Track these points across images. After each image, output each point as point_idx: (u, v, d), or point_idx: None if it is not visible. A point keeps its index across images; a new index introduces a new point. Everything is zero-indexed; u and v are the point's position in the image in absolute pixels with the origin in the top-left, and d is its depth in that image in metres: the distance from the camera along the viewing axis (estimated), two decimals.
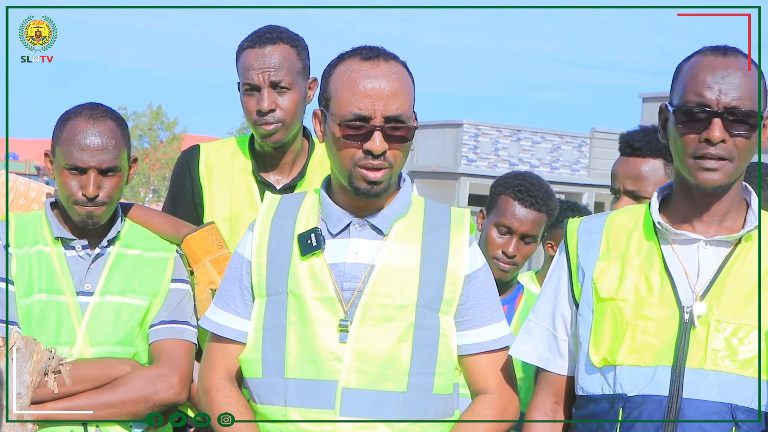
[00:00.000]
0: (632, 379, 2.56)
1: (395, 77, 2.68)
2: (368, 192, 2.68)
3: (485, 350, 2.78)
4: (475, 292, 2.77)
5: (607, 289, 2.63)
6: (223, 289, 2.83)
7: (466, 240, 2.78)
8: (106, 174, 3.17)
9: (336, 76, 2.71)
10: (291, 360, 2.68)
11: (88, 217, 3.18)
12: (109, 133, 3.18)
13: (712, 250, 2.61)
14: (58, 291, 3.19)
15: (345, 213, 2.74)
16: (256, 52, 3.54)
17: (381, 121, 2.65)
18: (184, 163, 3.69)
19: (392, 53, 2.74)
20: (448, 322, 2.73)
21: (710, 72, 2.55)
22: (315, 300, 2.69)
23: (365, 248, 2.73)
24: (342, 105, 2.67)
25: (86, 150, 3.14)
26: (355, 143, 2.66)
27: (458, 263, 2.75)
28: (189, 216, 3.59)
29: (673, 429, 2.52)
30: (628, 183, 3.41)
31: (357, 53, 2.72)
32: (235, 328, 2.78)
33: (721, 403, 2.51)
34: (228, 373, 2.79)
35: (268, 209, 2.82)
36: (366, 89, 2.65)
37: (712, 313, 2.54)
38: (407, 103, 2.69)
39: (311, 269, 2.71)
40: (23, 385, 3.01)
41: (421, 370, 2.69)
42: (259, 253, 2.76)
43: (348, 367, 2.66)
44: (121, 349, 3.19)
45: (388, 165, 2.67)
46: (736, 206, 2.64)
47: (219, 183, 3.61)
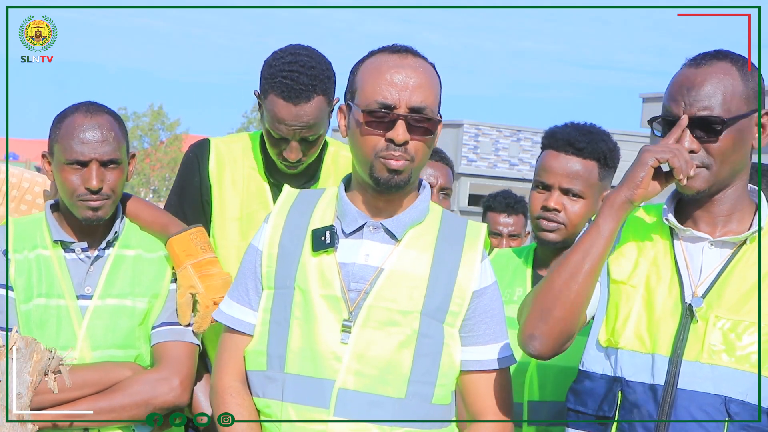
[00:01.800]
0: (632, 365, 2.63)
1: (422, 71, 2.69)
2: (388, 182, 2.67)
3: (485, 369, 2.75)
4: (481, 309, 2.75)
5: (620, 272, 2.70)
6: (237, 281, 2.82)
7: (478, 255, 2.76)
8: (107, 166, 3.16)
9: (363, 68, 2.72)
10: (291, 355, 2.67)
11: (93, 211, 3.17)
12: (108, 126, 3.18)
13: (716, 251, 2.67)
14: (58, 295, 3.18)
15: (361, 213, 2.74)
16: (289, 108, 3.37)
17: (405, 111, 2.65)
18: (194, 157, 3.60)
19: (422, 54, 2.75)
20: (453, 334, 2.72)
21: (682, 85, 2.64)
22: (320, 297, 2.68)
23: (377, 251, 2.72)
24: (367, 94, 2.67)
25: (86, 143, 3.14)
26: (378, 131, 2.65)
27: (468, 277, 2.73)
28: (196, 213, 3.54)
29: (668, 421, 2.58)
30: (564, 181, 3.42)
31: (386, 48, 2.74)
32: (250, 321, 2.76)
33: (715, 395, 2.57)
34: (241, 374, 2.77)
35: (285, 202, 2.82)
36: (392, 78, 2.66)
37: (711, 309, 2.61)
38: (432, 97, 2.69)
39: (320, 266, 2.70)
40: (23, 385, 3.01)
41: (421, 378, 2.68)
42: (271, 244, 2.76)
43: (346, 368, 2.65)
44: (122, 352, 3.18)
45: (409, 157, 2.67)
46: (741, 208, 2.70)
47: (229, 182, 3.55)
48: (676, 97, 2.64)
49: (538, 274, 3.47)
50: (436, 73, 2.75)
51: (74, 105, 3.24)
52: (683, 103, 2.62)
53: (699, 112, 2.60)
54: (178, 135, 43.68)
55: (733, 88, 2.62)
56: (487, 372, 2.75)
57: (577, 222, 3.41)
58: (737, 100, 2.62)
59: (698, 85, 2.62)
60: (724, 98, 2.61)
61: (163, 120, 44.51)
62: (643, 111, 31.11)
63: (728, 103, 2.61)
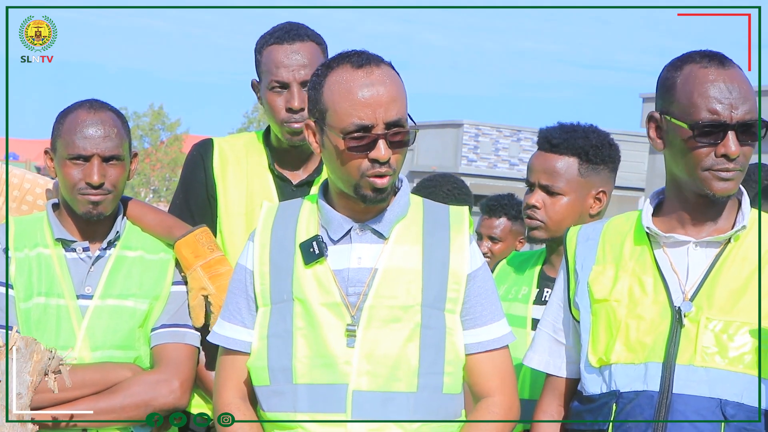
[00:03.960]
0: (626, 376, 2.64)
1: (390, 82, 2.68)
2: (375, 199, 2.69)
3: (486, 349, 2.78)
4: (475, 291, 2.77)
5: (601, 291, 2.71)
6: (228, 301, 2.83)
7: (466, 239, 2.78)
8: (109, 162, 3.17)
9: (329, 87, 2.69)
10: (300, 365, 2.68)
11: (94, 206, 3.17)
12: (111, 122, 3.20)
13: (702, 252, 2.67)
14: (58, 294, 3.18)
15: (345, 219, 2.75)
16: (285, 48, 3.48)
17: (383, 129, 2.65)
18: (197, 155, 3.62)
19: (378, 56, 2.73)
20: (454, 320, 2.74)
21: (718, 86, 2.60)
22: (321, 306, 2.69)
23: (367, 252, 2.73)
24: (342, 116, 2.66)
25: (89, 138, 3.15)
26: (361, 153, 2.66)
27: (460, 262, 2.75)
28: (203, 209, 3.55)
29: (664, 425, 2.58)
30: (543, 177, 3.46)
31: (345, 61, 2.70)
32: (244, 339, 2.77)
33: (710, 398, 2.57)
34: (241, 391, 2.78)
35: (267, 218, 2.82)
36: (365, 98, 2.65)
37: (701, 311, 2.60)
38: (404, 107, 2.70)
39: (316, 276, 2.71)
40: (23, 385, 3.01)
41: (429, 370, 2.69)
42: (261, 262, 2.76)
43: (357, 370, 2.66)
44: (121, 353, 3.18)
45: (392, 171, 2.69)
46: (728, 207, 2.70)
47: (234, 177, 3.56)
48: (720, 98, 2.58)
49: (545, 274, 3.51)
50: (397, 75, 2.73)
51: (78, 102, 3.26)
52: (728, 104, 2.58)
53: (746, 115, 2.58)
54: (179, 135, 43.60)
55: (753, 90, 2.61)
56: (488, 352, 2.77)
57: (558, 219, 3.43)
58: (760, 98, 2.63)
59: (740, 86, 2.60)
60: (754, 101, 2.60)
61: (163, 120, 44.45)
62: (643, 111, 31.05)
63: (755, 105, 2.61)
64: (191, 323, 3.25)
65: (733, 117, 2.57)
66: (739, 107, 2.57)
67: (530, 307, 3.47)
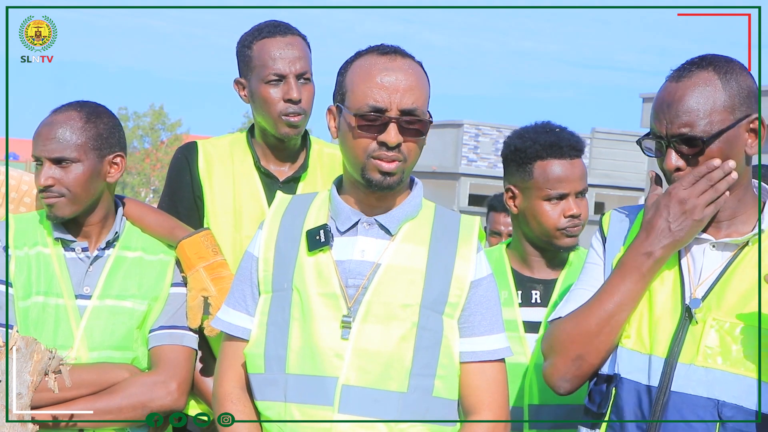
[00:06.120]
0: (630, 363, 2.66)
1: (411, 72, 2.71)
2: (381, 183, 2.69)
3: (480, 360, 2.75)
4: (477, 300, 2.75)
5: None
6: (234, 288, 2.83)
7: (473, 247, 2.78)
8: (59, 164, 3.17)
9: (352, 70, 2.74)
10: (292, 355, 2.68)
11: (50, 210, 3.17)
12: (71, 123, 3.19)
13: (718, 253, 2.67)
14: (57, 294, 3.18)
15: (354, 211, 2.76)
16: (278, 41, 3.50)
17: (396, 114, 2.67)
18: (182, 158, 3.63)
19: (409, 53, 2.77)
20: (452, 326, 2.72)
21: (663, 101, 2.64)
22: (318, 296, 2.69)
23: (372, 247, 2.74)
24: (358, 97, 2.69)
25: (39, 138, 3.17)
26: (370, 134, 2.67)
27: (465, 268, 2.75)
28: (190, 211, 3.55)
29: (660, 421, 2.60)
30: (580, 184, 3.49)
31: (374, 49, 2.75)
32: (247, 327, 2.77)
33: (707, 398, 2.57)
34: (241, 380, 2.78)
35: (279, 207, 2.83)
36: (383, 81, 2.68)
37: (710, 311, 2.60)
38: (422, 98, 2.72)
39: (317, 265, 2.72)
40: (23, 385, 3.01)
41: (422, 371, 2.68)
42: (267, 248, 2.77)
43: (349, 364, 2.65)
44: (119, 353, 3.18)
45: (402, 158, 2.69)
46: (745, 210, 2.69)
47: (219, 178, 3.57)
48: (658, 114, 2.63)
49: (519, 274, 3.50)
50: (424, 73, 2.77)
51: (69, 103, 3.25)
52: (665, 121, 2.61)
53: (679, 130, 2.59)
54: (179, 135, 43.65)
55: (714, 100, 2.59)
56: (480, 363, 2.75)
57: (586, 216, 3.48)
58: (719, 113, 2.59)
59: (677, 101, 2.60)
60: (705, 112, 2.58)
61: (164, 120, 44.50)
62: (643, 111, 31.08)
63: (709, 116, 2.58)
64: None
65: (664, 129, 2.62)
66: (673, 122, 2.60)
67: (517, 309, 3.44)
